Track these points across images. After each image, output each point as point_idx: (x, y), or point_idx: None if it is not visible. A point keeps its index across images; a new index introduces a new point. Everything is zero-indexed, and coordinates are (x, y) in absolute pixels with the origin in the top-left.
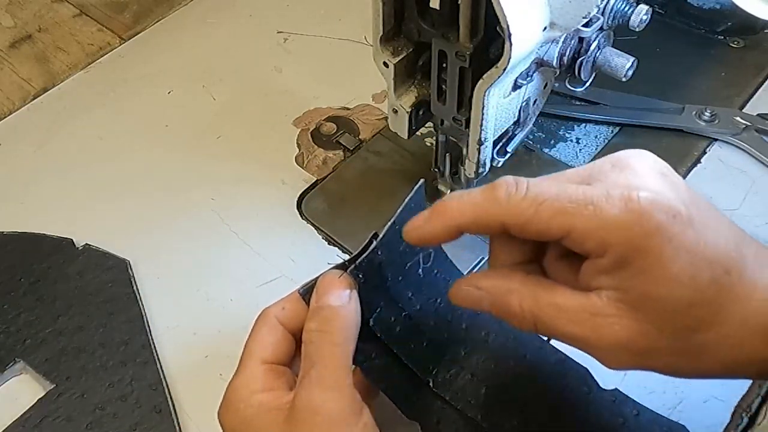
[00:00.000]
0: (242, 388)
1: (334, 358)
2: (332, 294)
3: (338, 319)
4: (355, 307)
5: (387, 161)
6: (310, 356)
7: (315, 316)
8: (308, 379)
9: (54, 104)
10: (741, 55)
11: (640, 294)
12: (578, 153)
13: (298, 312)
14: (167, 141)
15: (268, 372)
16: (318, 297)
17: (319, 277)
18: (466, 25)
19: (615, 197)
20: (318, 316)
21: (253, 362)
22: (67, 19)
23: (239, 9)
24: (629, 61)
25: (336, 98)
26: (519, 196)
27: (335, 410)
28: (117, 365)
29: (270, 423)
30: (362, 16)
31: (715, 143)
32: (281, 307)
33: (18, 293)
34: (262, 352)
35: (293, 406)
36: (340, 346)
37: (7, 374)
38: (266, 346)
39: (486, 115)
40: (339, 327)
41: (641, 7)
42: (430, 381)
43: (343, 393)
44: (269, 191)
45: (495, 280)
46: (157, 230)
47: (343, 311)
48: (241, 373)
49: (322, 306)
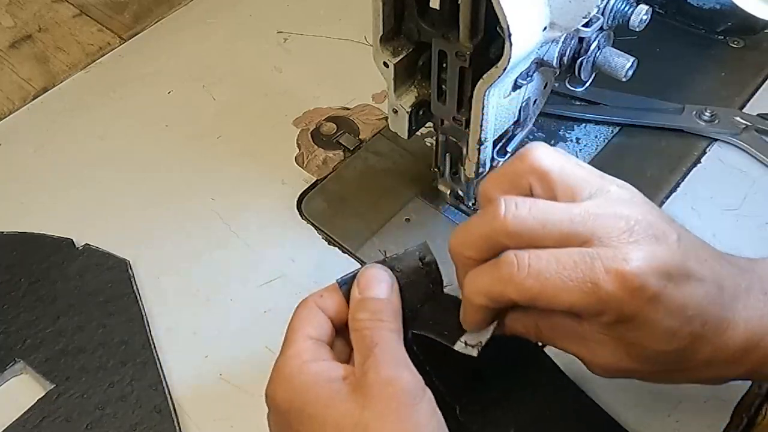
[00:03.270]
0: (293, 359)
1: (393, 341)
2: (377, 286)
3: (388, 310)
4: (398, 301)
5: (387, 161)
6: (367, 340)
7: (363, 307)
8: (373, 358)
9: (54, 104)
10: (741, 55)
11: (627, 341)
12: (578, 153)
13: (336, 301)
14: (167, 141)
15: (316, 345)
16: (362, 289)
17: (358, 269)
18: (466, 25)
19: (611, 273)
20: (366, 306)
21: (300, 337)
22: (67, 19)
23: (239, 9)
24: (629, 61)
25: (336, 98)
26: (522, 275)
27: (404, 384)
28: (117, 365)
29: (326, 394)
30: (362, 16)
31: (715, 143)
32: (320, 295)
33: (18, 293)
34: (306, 328)
35: (363, 381)
36: (395, 332)
37: (7, 374)
38: (310, 323)
39: (486, 115)
40: (391, 317)
41: (641, 7)
42: (457, 409)
43: (408, 369)
44: (269, 191)
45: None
46: (157, 230)
47: (390, 303)
48: (289, 347)
49: (369, 297)
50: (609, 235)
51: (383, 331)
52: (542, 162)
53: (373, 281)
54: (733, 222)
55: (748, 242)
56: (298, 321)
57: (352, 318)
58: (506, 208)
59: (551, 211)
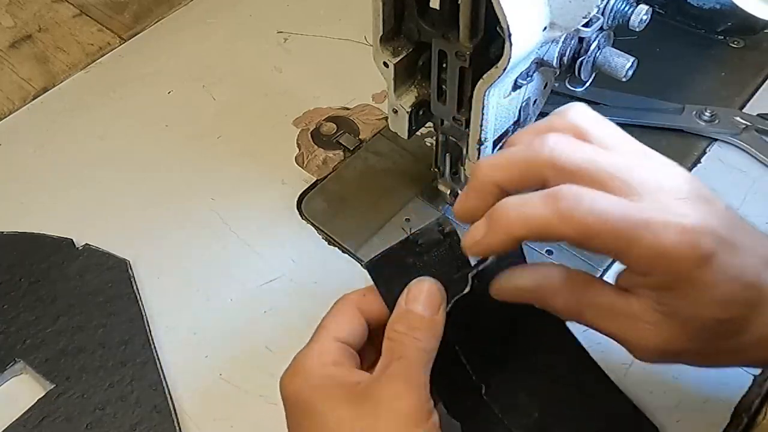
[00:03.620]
0: (313, 357)
1: (418, 359)
2: (424, 302)
3: (427, 328)
4: (442, 322)
5: (387, 161)
6: (394, 351)
7: (403, 319)
8: (390, 370)
9: (54, 104)
10: (741, 55)
11: (678, 311)
12: None
13: (377, 302)
14: (167, 141)
15: (341, 349)
16: (408, 300)
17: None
18: (466, 25)
19: (671, 225)
20: (406, 320)
21: (328, 337)
22: (67, 19)
23: (239, 9)
24: (629, 61)
25: (336, 98)
26: (583, 211)
27: (410, 406)
28: (117, 365)
29: (335, 397)
30: (362, 16)
31: (715, 143)
32: (362, 294)
33: (18, 293)
34: (337, 330)
35: (368, 392)
36: (425, 351)
37: (7, 374)
38: (342, 325)
39: (486, 115)
40: (427, 335)
41: (641, 7)
42: (483, 388)
43: (420, 392)
44: (269, 191)
45: (537, 280)
46: (157, 230)
47: (433, 323)
48: (313, 344)
49: (412, 311)
50: (660, 189)
51: (412, 345)
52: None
53: (422, 295)
54: None
55: None
56: (330, 320)
57: (390, 327)
58: (555, 141)
59: (598, 153)
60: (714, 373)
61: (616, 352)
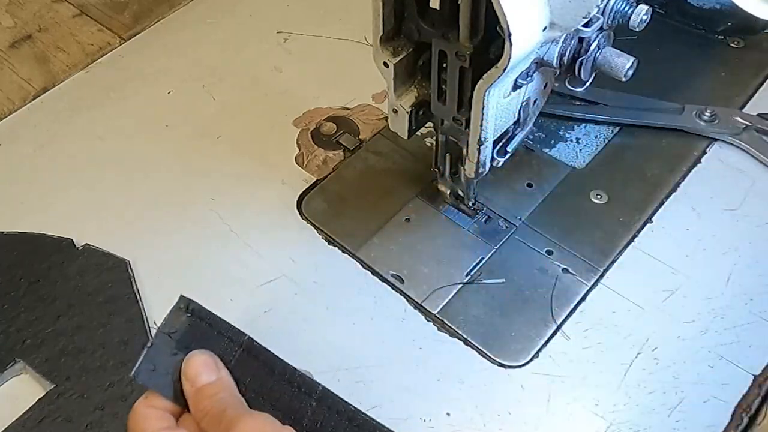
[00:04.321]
0: None
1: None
2: (204, 372)
3: (225, 387)
4: (227, 374)
5: (387, 161)
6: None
7: (202, 395)
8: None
9: (54, 104)
10: (741, 55)
11: None
12: (578, 153)
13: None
14: (167, 141)
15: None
16: (192, 381)
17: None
18: (466, 25)
19: None
20: (205, 394)
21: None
22: (67, 19)
23: (239, 9)
24: (629, 61)
25: (336, 98)
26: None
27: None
28: (117, 365)
29: None
30: (362, 16)
31: (715, 143)
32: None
33: (18, 293)
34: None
35: None
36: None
37: (7, 374)
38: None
39: (486, 115)
40: (230, 391)
41: (641, 7)
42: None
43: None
44: (269, 191)
45: None
46: (157, 230)
47: (223, 380)
48: None
49: (202, 386)
50: None
51: (226, 400)
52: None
53: (199, 369)
54: (733, 222)
55: (748, 242)
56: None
57: (195, 410)
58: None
59: None
60: (714, 373)
61: (615, 349)
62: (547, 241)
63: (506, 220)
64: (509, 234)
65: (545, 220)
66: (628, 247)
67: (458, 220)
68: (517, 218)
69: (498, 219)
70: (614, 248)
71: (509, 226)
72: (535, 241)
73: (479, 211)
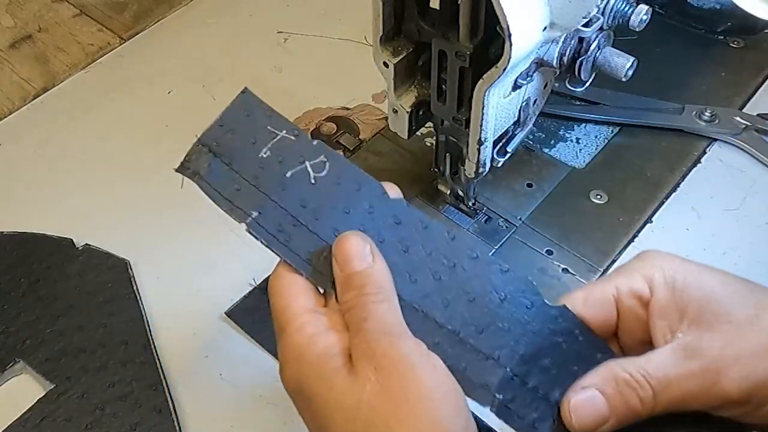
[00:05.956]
0: (296, 335)
1: (382, 312)
2: (354, 258)
3: (372, 281)
4: (382, 264)
5: (387, 161)
6: (356, 317)
7: (348, 285)
8: (363, 333)
9: (54, 104)
10: (741, 55)
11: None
12: (578, 153)
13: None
14: (167, 141)
15: (316, 316)
16: (341, 265)
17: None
18: (466, 25)
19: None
20: (351, 284)
21: (297, 311)
22: (67, 19)
23: (239, 9)
24: (629, 61)
25: (336, 98)
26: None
27: (403, 352)
28: (117, 365)
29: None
30: (362, 16)
31: (715, 143)
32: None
33: (18, 293)
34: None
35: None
36: (383, 302)
37: (7, 374)
38: (300, 293)
39: (486, 115)
40: (376, 287)
41: (641, 7)
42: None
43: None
44: None
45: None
46: (157, 230)
47: (373, 272)
48: (289, 323)
49: (349, 274)
50: None
51: (369, 304)
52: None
53: (350, 253)
54: (733, 222)
55: (748, 242)
56: (284, 296)
57: (340, 300)
58: None
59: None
60: None
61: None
62: (547, 241)
63: (506, 220)
64: (509, 234)
65: (545, 220)
66: (628, 247)
67: (458, 220)
68: (517, 218)
69: (498, 219)
70: (614, 248)
71: (509, 226)
72: (535, 241)
73: (479, 211)
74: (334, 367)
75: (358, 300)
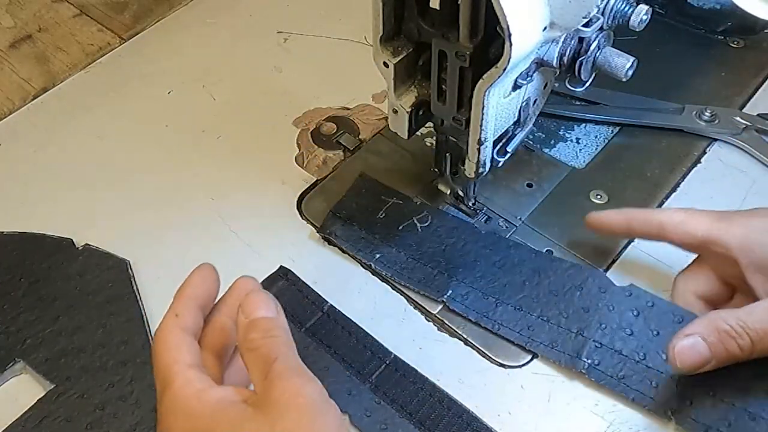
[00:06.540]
0: (185, 389)
1: (291, 354)
2: (264, 307)
3: (279, 326)
4: (284, 319)
5: (387, 161)
6: (265, 357)
7: (254, 327)
8: (275, 372)
9: (54, 104)
10: (741, 55)
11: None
12: (578, 153)
13: (194, 317)
14: (167, 141)
15: (200, 372)
16: (248, 313)
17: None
18: (466, 25)
19: None
20: (257, 326)
21: (182, 367)
22: (67, 19)
23: (239, 9)
24: (629, 61)
25: (336, 98)
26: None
27: (315, 393)
28: (117, 365)
29: (239, 415)
30: (362, 16)
31: (715, 143)
32: (175, 315)
33: (18, 293)
34: (184, 356)
35: (268, 397)
36: (291, 347)
37: (7, 374)
38: (185, 350)
39: (486, 115)
40: (283, 332)
41: (641, 7)
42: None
43: (314, 379)
44: (269, 191)
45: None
46: (157, 230)
47: (279, 321)
48: (174, 380)
49: (257, 318)
50: None
51: (280, 345)
52: None
53: (259, 303)
54: None
55: None
56: (169, 351)
57: (243, 340)
58: None
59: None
60: None
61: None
62: (547, 241)
63: (506, 220)
64: (509, 234)
65: (545, 220)
66: (628, 247)
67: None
68: (517, 218)
69: (498, 219)
70: (614, 248)
71: (509, 226)
72: (535, 241)
73: (479, 211)
74: (239, 411)
75: (264, 341)
